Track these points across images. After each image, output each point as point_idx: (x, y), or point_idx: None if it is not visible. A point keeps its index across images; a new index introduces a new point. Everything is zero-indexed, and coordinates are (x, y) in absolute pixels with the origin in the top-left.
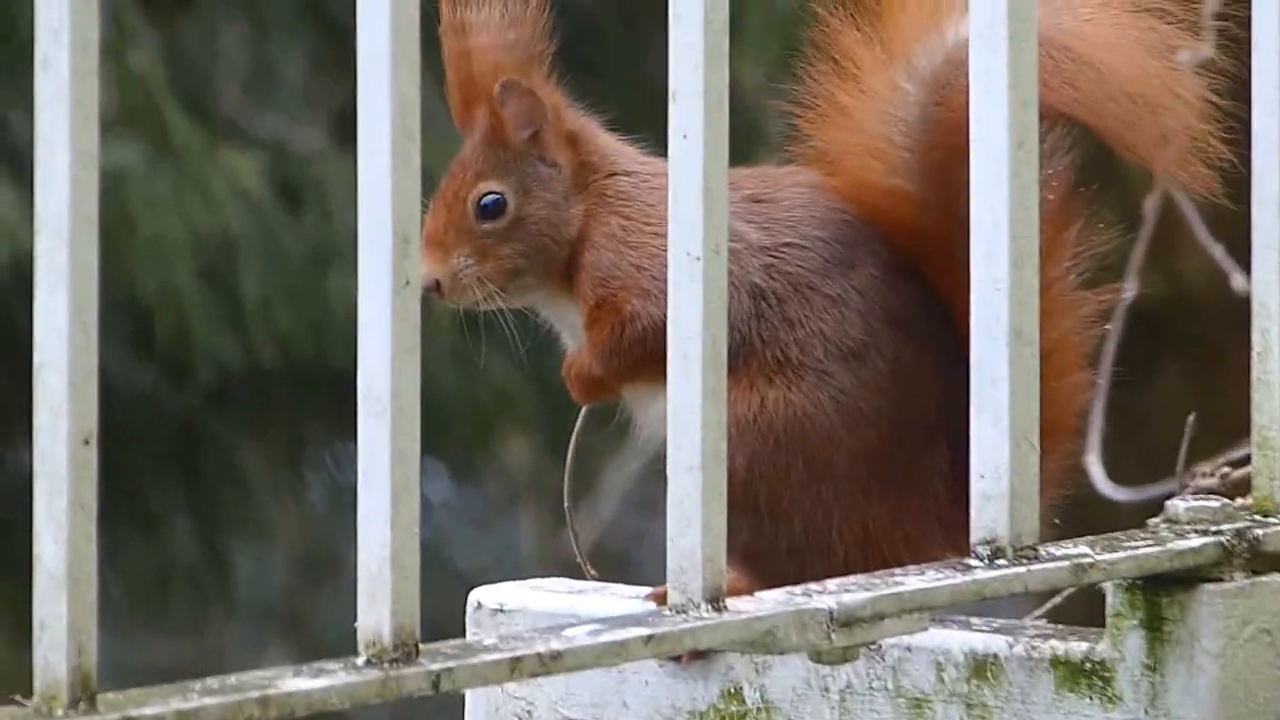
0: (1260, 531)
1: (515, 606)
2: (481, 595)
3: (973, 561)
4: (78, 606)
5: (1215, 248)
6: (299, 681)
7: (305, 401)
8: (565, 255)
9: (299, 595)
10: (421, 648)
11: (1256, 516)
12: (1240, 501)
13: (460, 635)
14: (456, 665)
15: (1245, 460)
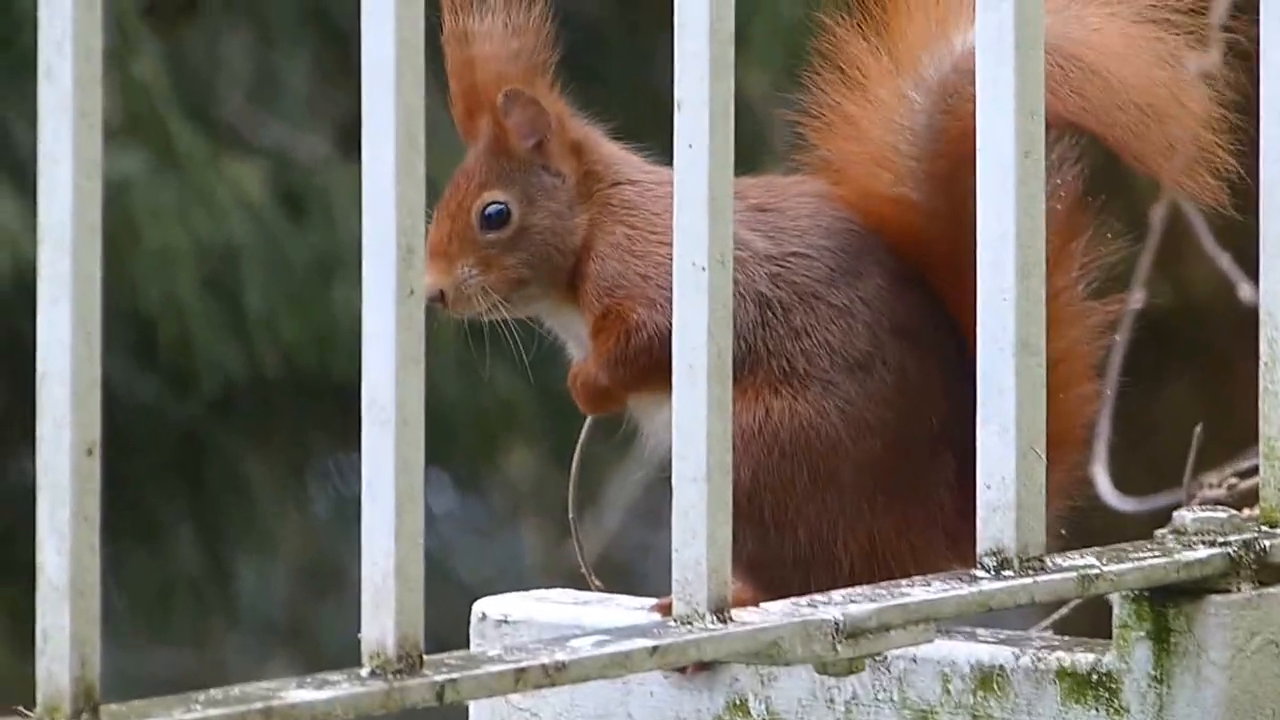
0: (1268, 542)
1: (520, 617)
2: (486, 606)
3: (979, 572)
4: (81, 617)
5: (1222, 257)
6: (303, 693)
7: (309, 412)
8: (570, 265)
9: (302, 606)
10: (426, 659)
11: (1264, 527)
12: (1248, 512)
13: (464, 646)
14: (461, 676)
15: (1253, 471)
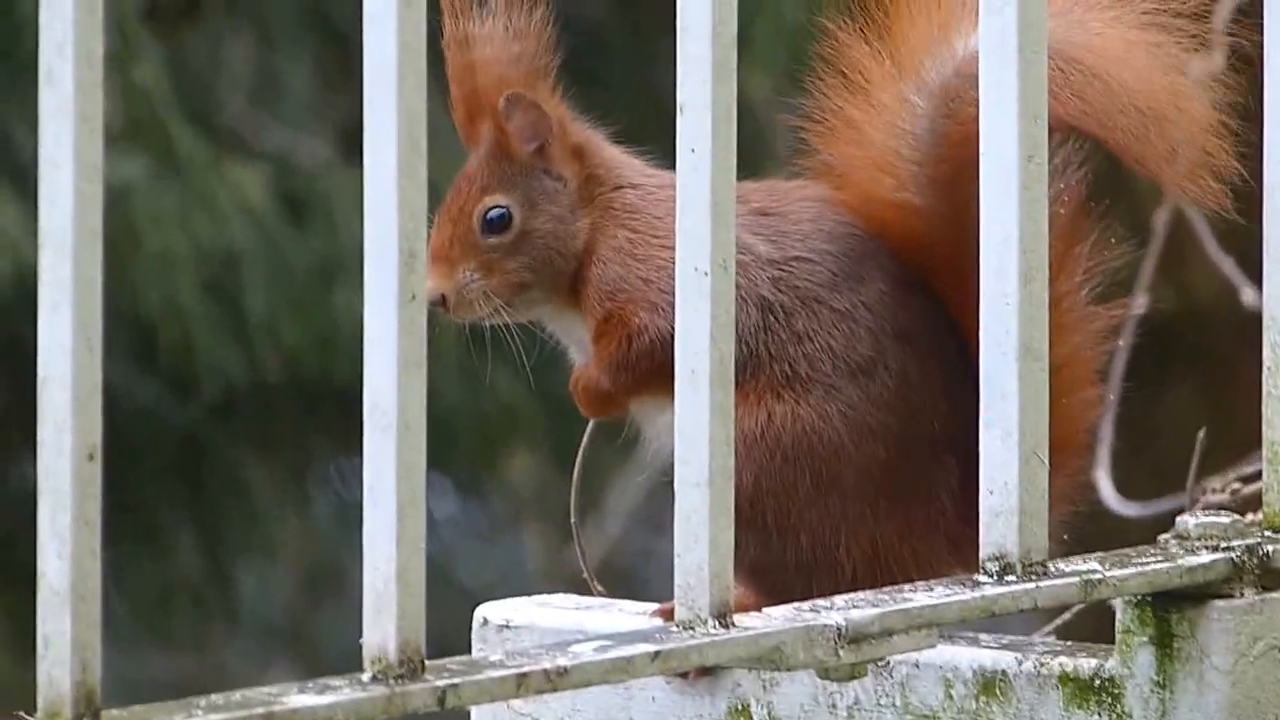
0: (1271, 547)
1: (521, 622)
2: (488, 611)
3: (982, 578)
4: (82, 623)
5: (1226, 261)
6: (304, 698)
7: (310, 417)
8: (572, 269)
9: (304, 611)
10: (427, 664)
11: (1267, 532)
12: (1251, 517)
13: (466, 651)
14: (462, 681)
15: (1256, 476)
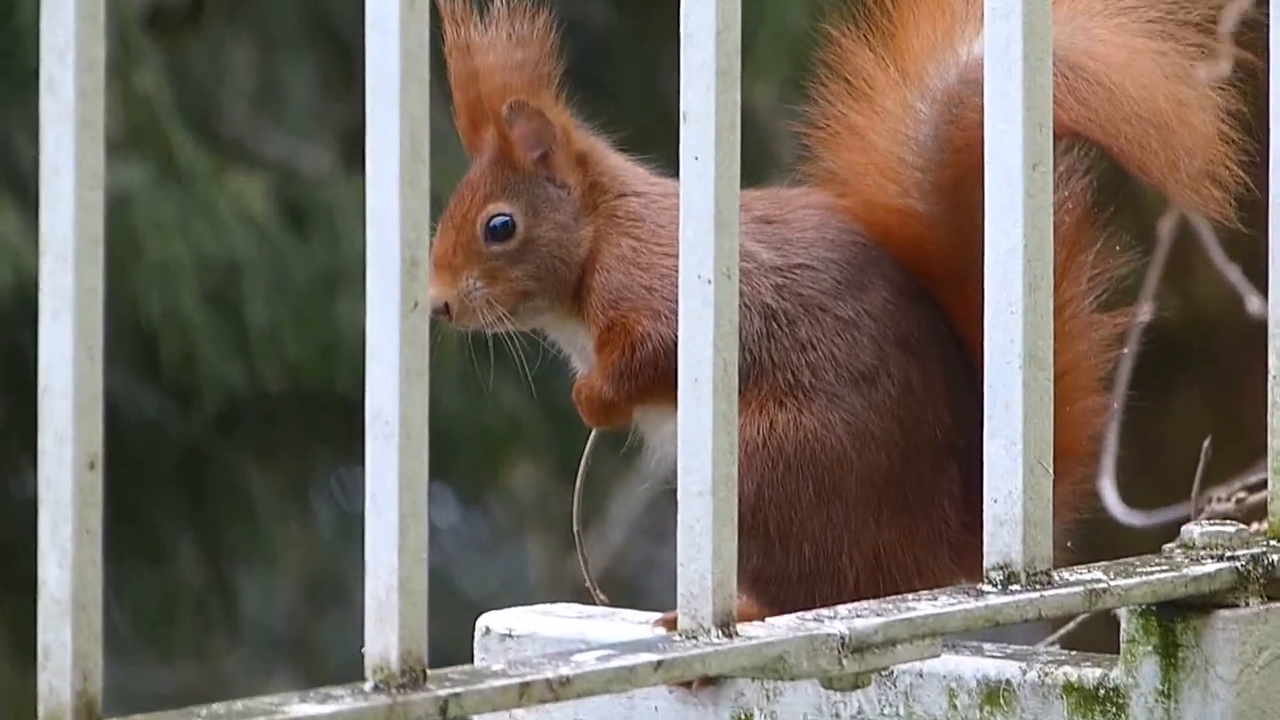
0: (1276, 557)
1: (524, 632)
2: (490, 620)
3: (986, 587)
4: (83, 633)
5: (1231, 270)
6: (306, 707)
7: (312, 427)
8: (575, 277)
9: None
10: (429, 673)
11: (1272, 542)
12: (1256, 526)
13: (468, 661)
14: (465, 691)
15: (1261, 485)
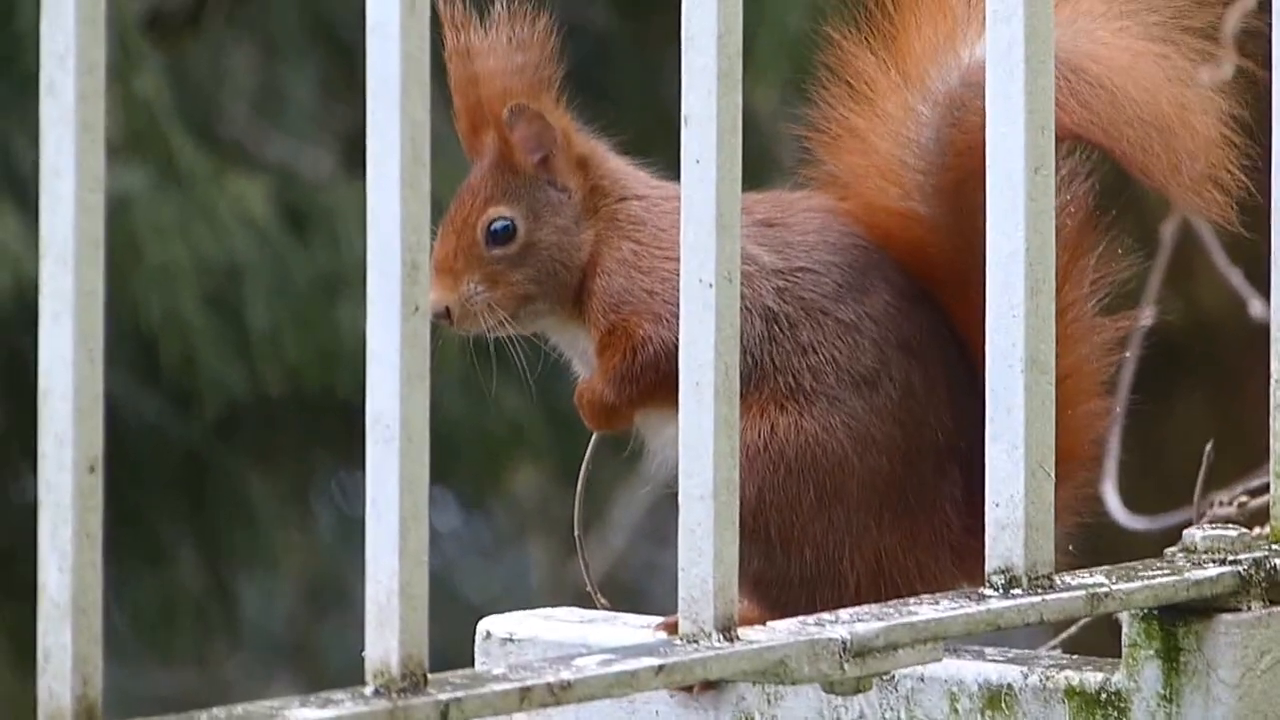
0: (1278, 561)
1: (525, 636)
2: (491, 624)
3: (987, 591)
4: (83, 636)
5: (1234, 274)
6: (306, 711)
7: (312, 431)
8: (576, 281)
9: (306, 625)
10: (430, 677)
11: (1274, 546)
12: (1258, 530)
13: (469, 665)
14: (465, 695)
15: (1263, 489)
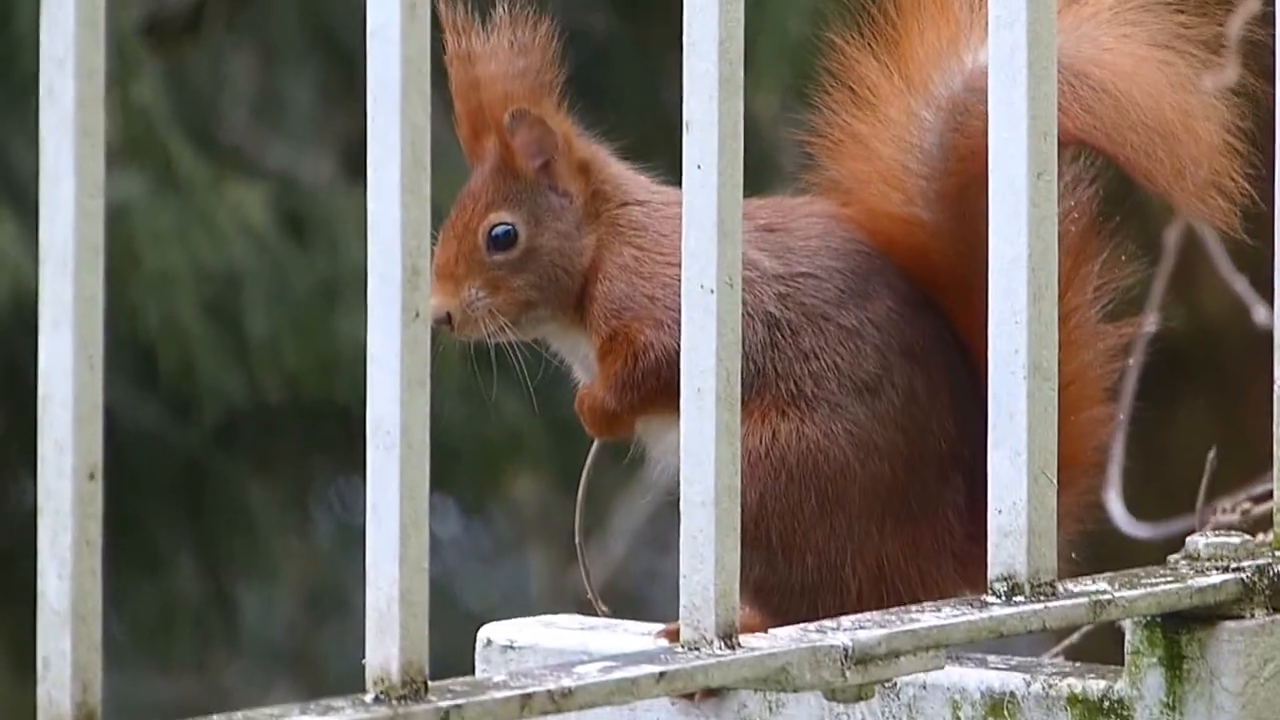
0: None
1: (526, 643)
2: (491, 631)
3: (990, 598)
4: (82, 644)
5: (1238, 280)
6: (306, 718)
7: (312, 438)
8: (577, 286)
9: (306, 632)
10: (430, 685)
11: (1277, 553)
12: (1261, 537)
13: (470, 672)
14: (466, 702)
15: (1267, 495)
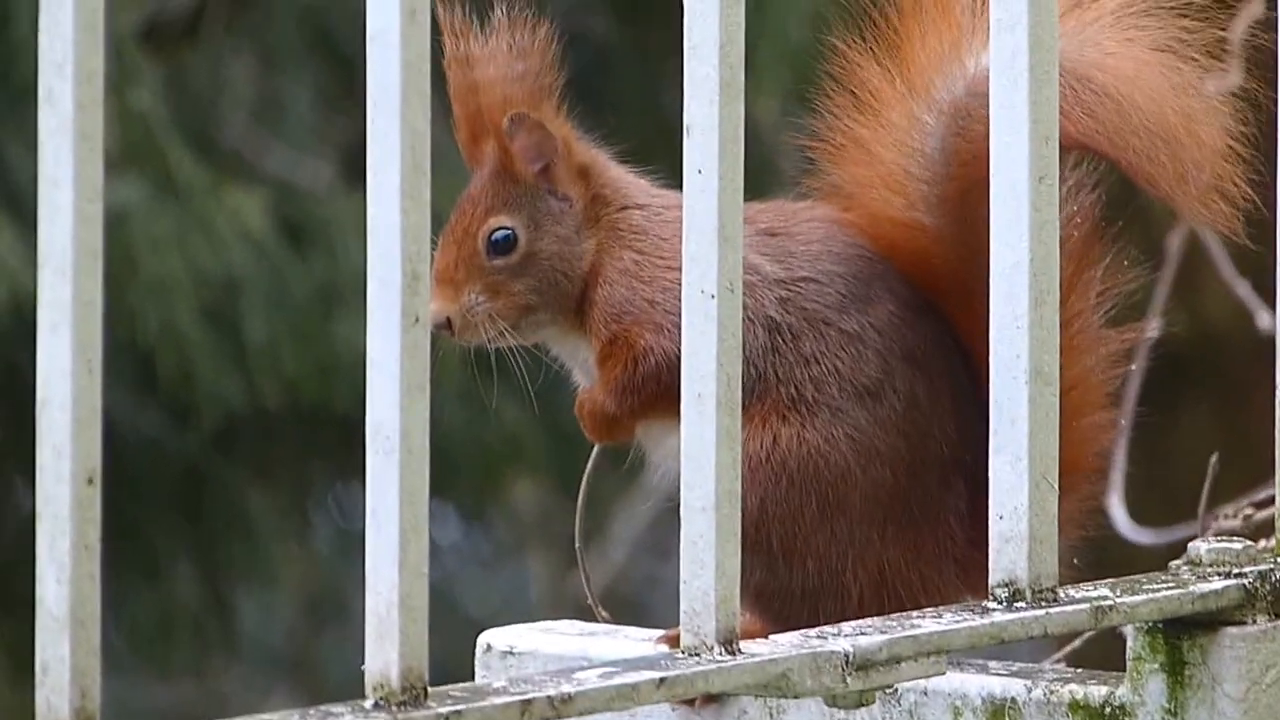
0: None
1: (525, 649)
2: (491, 637)
3: (991, 604)
4: (81, 649)
5: (1241, 285)
6: None
7: (311, 444)
8: (577, 290)
9: (305, 638)
10: (430, 690)
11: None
12: (1263, 543)
13: (469, 678)
14: (466, 708)
15: (1269, 501)
